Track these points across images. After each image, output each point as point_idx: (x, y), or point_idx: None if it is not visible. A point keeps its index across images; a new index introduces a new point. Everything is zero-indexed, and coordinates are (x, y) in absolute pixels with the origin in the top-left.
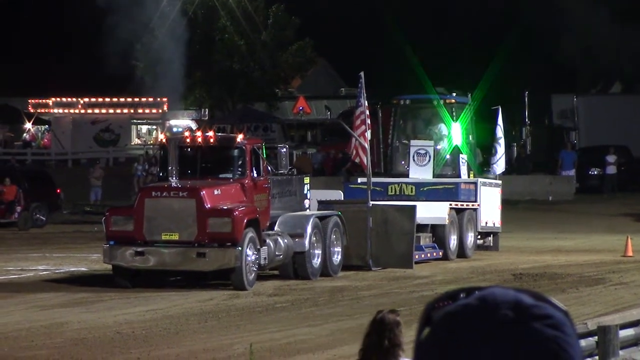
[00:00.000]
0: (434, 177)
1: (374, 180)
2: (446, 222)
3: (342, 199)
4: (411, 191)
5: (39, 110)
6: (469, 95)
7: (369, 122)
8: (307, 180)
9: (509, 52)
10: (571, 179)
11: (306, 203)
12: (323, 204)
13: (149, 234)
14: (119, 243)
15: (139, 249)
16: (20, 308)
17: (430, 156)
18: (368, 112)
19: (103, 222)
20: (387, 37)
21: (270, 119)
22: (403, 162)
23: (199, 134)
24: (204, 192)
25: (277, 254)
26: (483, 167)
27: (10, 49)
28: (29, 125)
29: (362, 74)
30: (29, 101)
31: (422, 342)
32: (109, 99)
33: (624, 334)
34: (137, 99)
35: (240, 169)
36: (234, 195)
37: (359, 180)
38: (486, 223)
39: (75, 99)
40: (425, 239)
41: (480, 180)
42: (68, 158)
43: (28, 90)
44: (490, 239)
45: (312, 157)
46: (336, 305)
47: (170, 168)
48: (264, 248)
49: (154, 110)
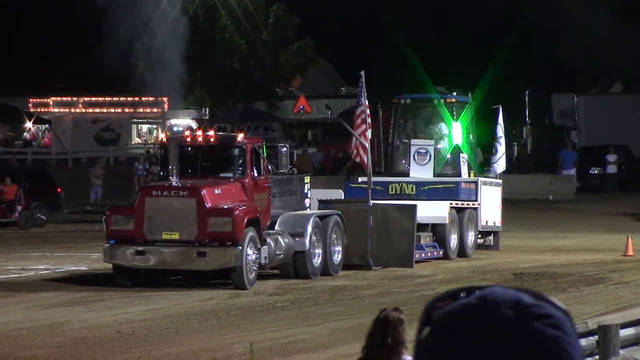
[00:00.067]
0: (434, 177)
1: (374, 179)
2: (447, 222)
3: (343, 198)
4: (412, 190)
5: (39, 110)
6: (470, 95)
7: (370, 122)
8: (308, 179)
9: (509, 52)
10: (572, 179)
11: (307, 202)
12: (323, 203)
13: (149, 233)
14: (119, 242)
15: (140, 248)
16: (20, 307)
17: (430, 155)
18: (368, 112)
19: (103, 221)
20: (387, 37)
21: (270, 118)
22: (404, 162)
23: (199, 133)
24: (205, 192)
25: (278, 253)
26: (483, 167)
27: (11, 48)
28: (29, 124)
29: (363, 73)
30: (30, 100)
31: (422, 342)
32: (109, 98)
33: (625, 333)
34: (138, 98)
35: (240, 168)
36: (235, 194)
37: (360, 179)
38: (487, 222)
39: (75, 98)
40: (425, 238)
41: (480, 179)
42: (68, 157)
43: (28, 89)
44: (491, 238)
45: (313, 157)
46: (337, 304)
47: (170, 167)
48: (264, 247)
49: (154, 110)
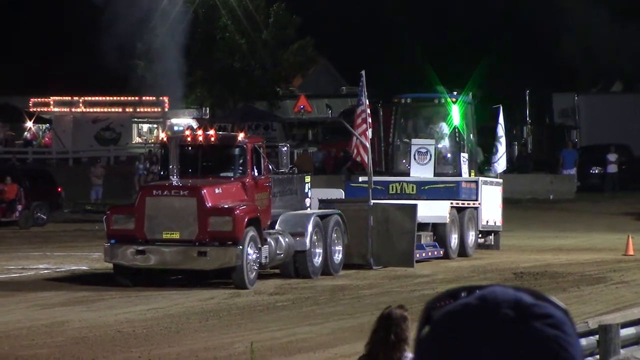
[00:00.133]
0: (435, 176)
1: (375, 179)
2: (447, 221)
3: (343, 197)
4: (412, 190)
5: (39, 109)
6: (470, 94)
7: (370, 121)
8: (308, 179)
9: (509, 52)
10: (572, 178)
11: (307, 202)
12: (324, 203)
13: (150, 233)
14: (120, 242)
15: (140, 248)
16: (21, 307)
17: (431, 155)
18: (369, 111)
19: (104, 221)
20: (387, 37)
21: (271, 118)
22: (404, 161)
23: (200, 132)
24: (205, 191)
25: (278, 252)
26: (484, 166)
27: (11, 48)
28: (29, 124)
29: (363, 72)
30: (30, 100)
31: (422, 341)
32: (109, 98)
33: (625, 332)
34: (138, 98)
35: (241, 168)
36: (235, 194)
37: (360, 179)
38: (487, 222)
39: (76, 98)
40: (426, 238)
41: (481, 179)
42: (69, 157)
43: (29, 89)
44: (491, 237)
45: (313, 156)
46: (337, 304)
47: (171, 167)
48: (265, 247)
49: (154, 109)
